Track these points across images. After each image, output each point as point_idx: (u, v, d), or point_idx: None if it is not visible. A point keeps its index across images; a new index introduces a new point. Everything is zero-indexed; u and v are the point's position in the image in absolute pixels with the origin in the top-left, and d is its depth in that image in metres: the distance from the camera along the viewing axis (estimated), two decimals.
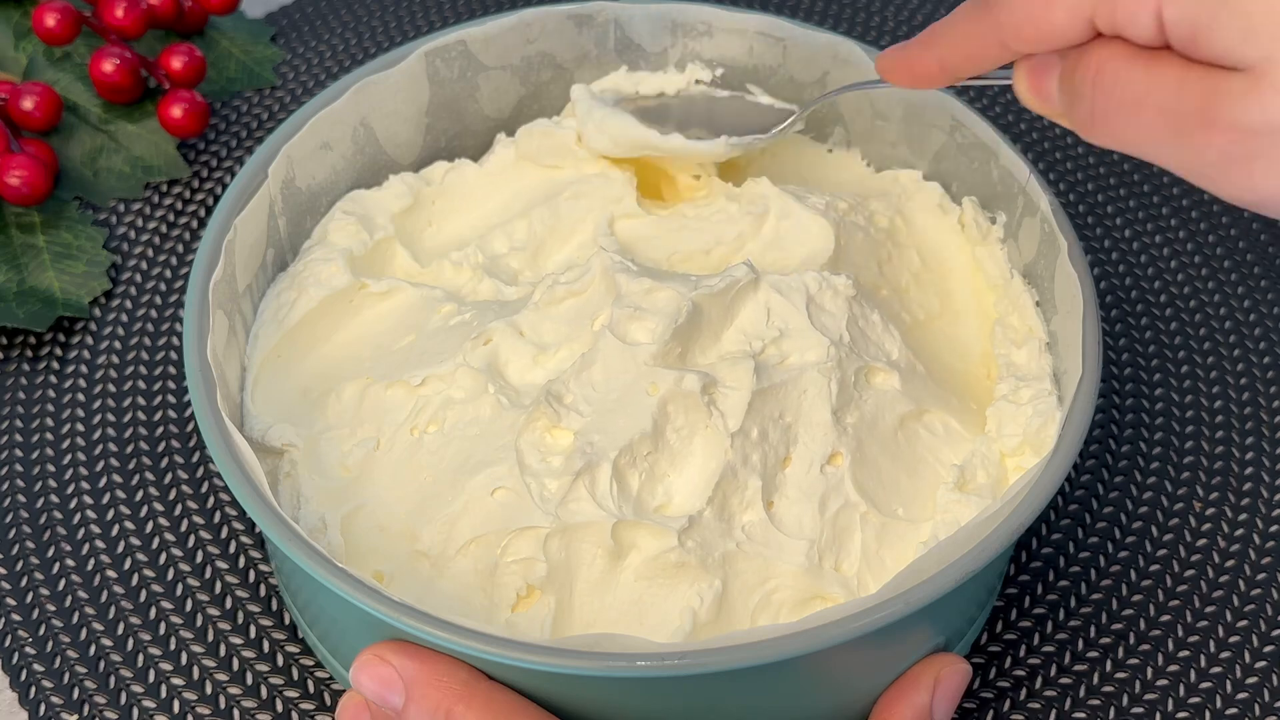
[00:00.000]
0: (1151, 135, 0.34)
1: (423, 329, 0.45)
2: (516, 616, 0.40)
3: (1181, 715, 0.45)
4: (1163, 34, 0.33)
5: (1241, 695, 0.45)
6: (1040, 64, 0.37)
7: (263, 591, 0.47)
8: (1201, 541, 0.49)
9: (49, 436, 0.51)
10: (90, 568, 0.48)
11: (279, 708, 0.45)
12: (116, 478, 0.50)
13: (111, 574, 0.48)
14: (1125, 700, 0.45)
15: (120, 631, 0.46)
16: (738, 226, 0.47)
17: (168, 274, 0.56)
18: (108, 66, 0.58)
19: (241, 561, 0.48)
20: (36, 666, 0.46)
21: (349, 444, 0.43)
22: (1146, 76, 0.34)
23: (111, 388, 0.53)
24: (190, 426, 0.51)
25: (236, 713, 0.45)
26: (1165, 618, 0.47)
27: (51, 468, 0.50)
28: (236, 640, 0.46)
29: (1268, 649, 0.46)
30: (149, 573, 0.48)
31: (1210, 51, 0.32)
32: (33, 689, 0.45)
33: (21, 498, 0.50)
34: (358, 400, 0.44)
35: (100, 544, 0.48)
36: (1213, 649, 0.46)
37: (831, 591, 0.40)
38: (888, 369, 0.43)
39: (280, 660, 0.46)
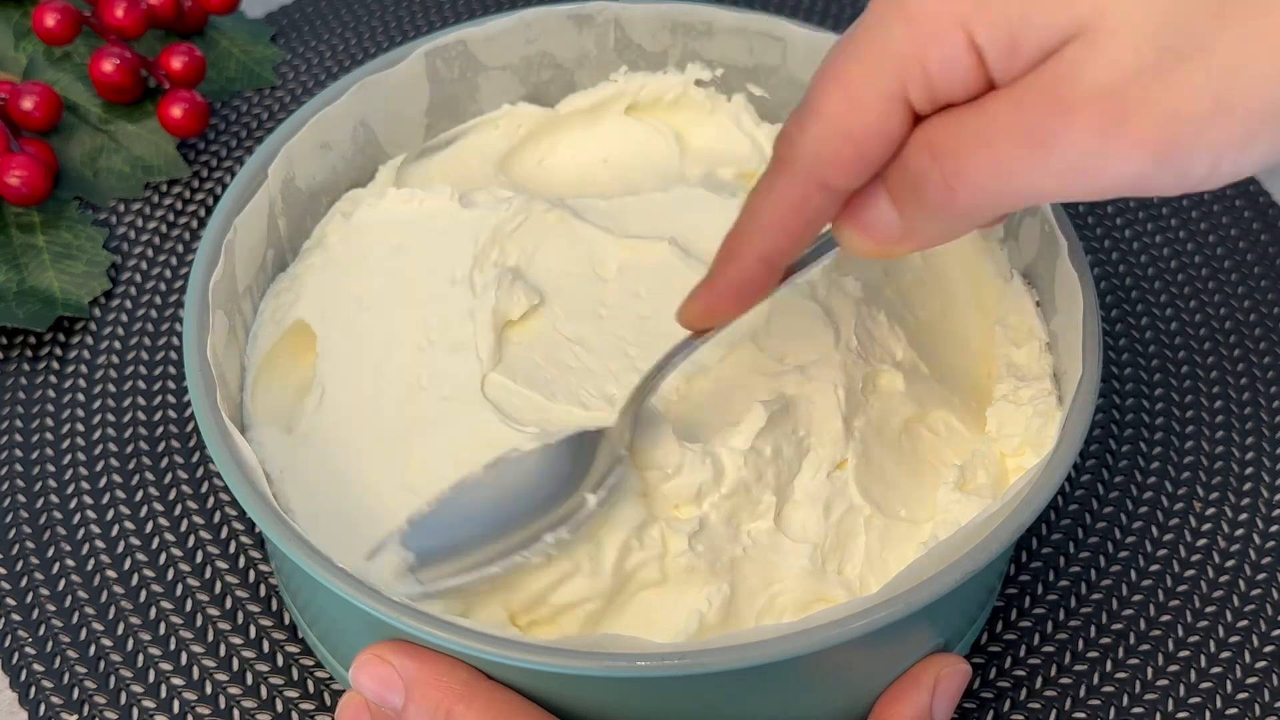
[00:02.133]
0: (1015, 162, 0.30)
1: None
2: None
3: (1181, 715, 0.45)
4: (984, 71, 0.31)
5: (1241, 695, 0.45)
6: (860, 200, 0.34)
7: (263, 591, 0.47)
8: (1201, 541, 0.49)
9: (49, 436, 0.51)
10: (90, 568, 0.48)
11: (279, 708, 0.45)
12: (116, 478, 0.50)
13: (111, 574, 0.48)
14: (1125, 700, 0.45)
15: (120, 631, 0.46)
16: None
17: (168, 274, 0.56)
18: (108, 66, 0.58)
19: (241, 561, 0.48)
20: (36, 666, 0.46)
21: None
22: (981, 114, 0.31)
23: (111, 388, 0.53)
24: (190, 426, 0.51)
25: (236, 713, 0.45)
26: (1165, 618, 0.47)
27: (51, 468, 0.50)
28: (236, 640, 0.46)
29: (1268, 649, 0.46)
30: (149, 573, 0.48)
31: (1035, 42, 0.30)
32: (33, 689, 0.45)
33: (21, 498, 0.50)
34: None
35: (100, 544, 0.48)
36: (1213, 649, 0.46)
37: (834, 594, 0.40)
38: (893, 370, 0.43)
39: (280, 660, 0.46)
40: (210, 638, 0.46)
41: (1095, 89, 0.29)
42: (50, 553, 0.48)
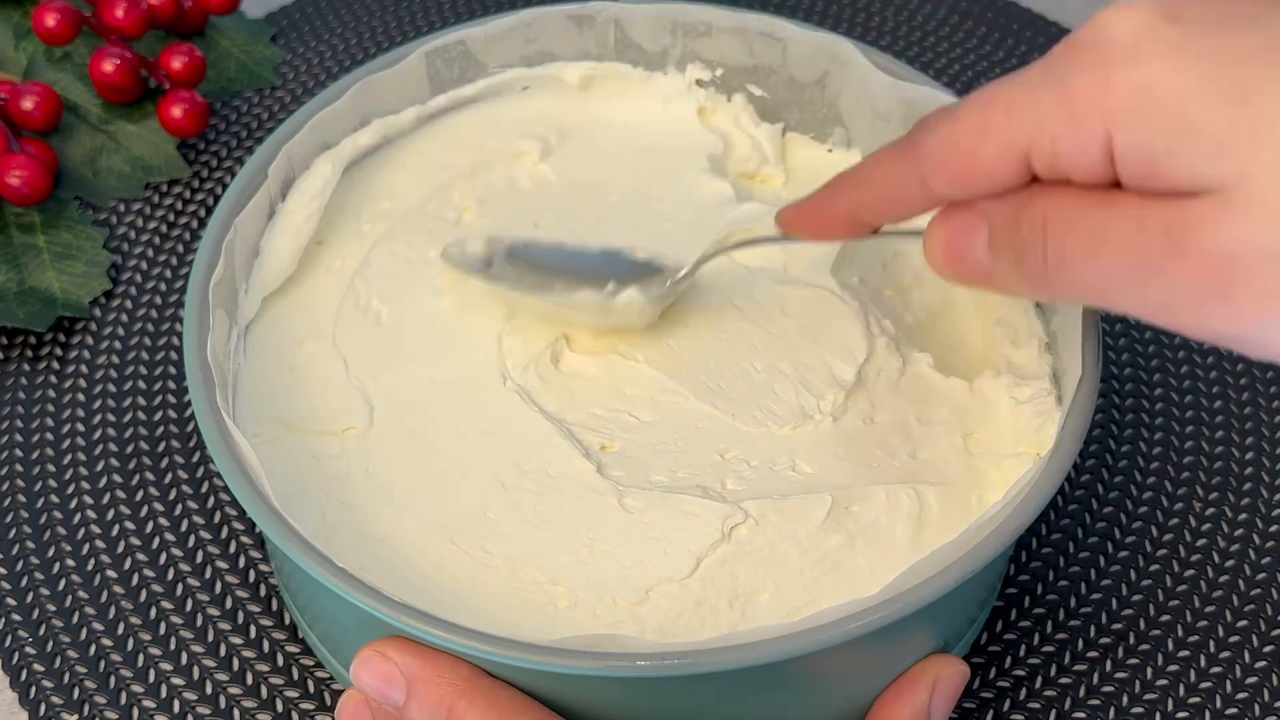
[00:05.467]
0: (1115, 276, 0.31)
1: None
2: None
3: (1181, 715, 0.45)
4: (1111, 168, 0.31)
5: (1241, 695, 0.45)
6: (964, 225, 0.35)
7: (263, 591, 0.47)
8: (1201, 541, 0.49)
9: (49, 436, 0.51)
10: (90, 568, 0.48)
11: (279, 708, 0.45)
12: (116, 478, 0.50)
13: (111, 574, 0.48)
14: (1125, 700, 0.45)
15: (120, 631, 0.46)
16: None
17: (168, 274, 0.56)
18: (108, 66, 0.58)
19: (241, 561, 0.48)
20: (36, 666, 0.46)
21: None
22: (1103, 214, 0.31)
23: (111, 388, 0.53)
24: (190, 426, 0.51)
25: (236, 713, 0.45)
26: (1165, 618, 0.47)
27: (51, 468, 0.50)
28: (236, 640, 0.46)
29: (1268, 649, 0.46)
30: (149, 573, 0.48)
31: (1170, 178, 0.30)
32: (33, 689, 0.45)
33: (21, 498, 0.50)
34: None
35: (100, 544, 0.48)
36: (1213, 649, 0.46)
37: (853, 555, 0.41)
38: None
39: (280, 660, 0.46)
40: (210, 638, 0.46)
41: (1211, 249, 0.29)
42: (50, 553, 0.48)
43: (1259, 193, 0.29)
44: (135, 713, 0.45)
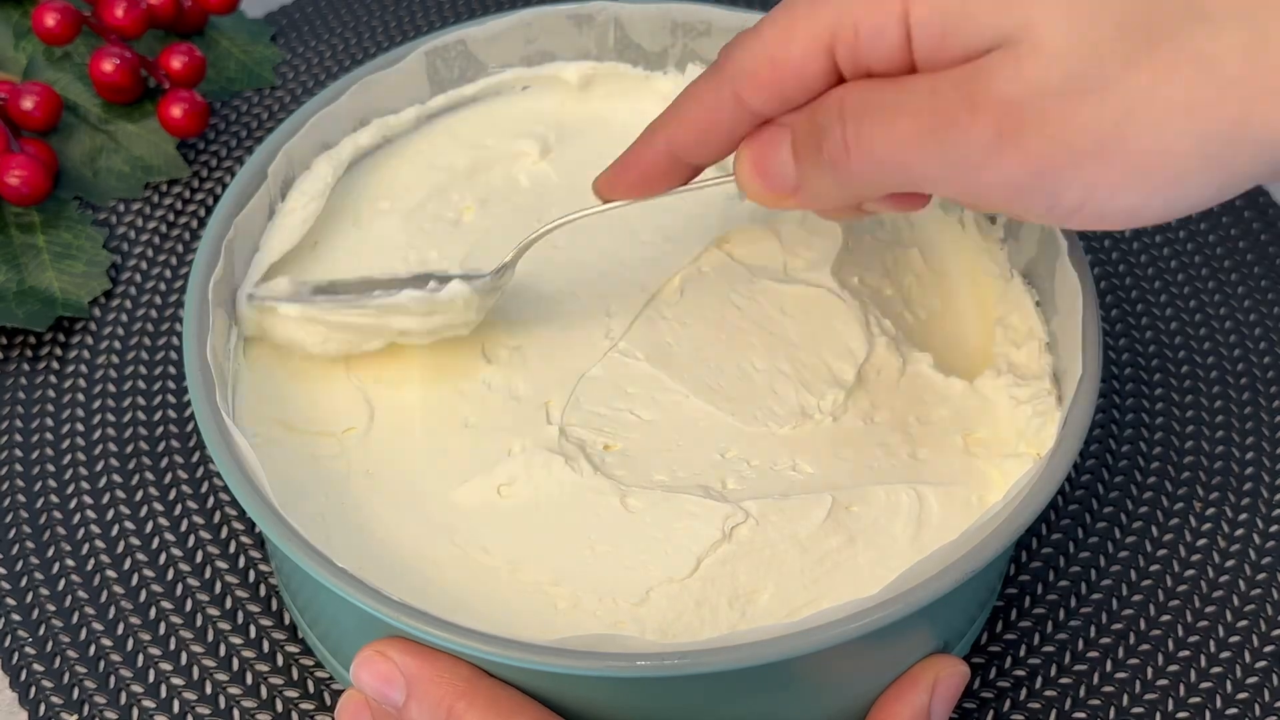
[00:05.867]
0: (912, 141, 0.32)
1: None
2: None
3: (1181, 715, 0.45)
4: (908, 50, 0.32)
5: (1241, 695, 0.45)
6: (769, 139, 0.36)
7: (263, 591, 0.47)
8: (1201, 541, 0.49)
9: (49, 436, 0.51)
10: (90, 568, 0.48)
11: (279, 708, 0.45)
12: (116, 478, 0.50)
13: (111, 574, 0.48)
14: (1125, 700, 0.45)
15: (120, 631, 0.46)
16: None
17: (168, 274, 0.56)
18: (107, 66, 0.58)
19: (241, 561, 0.48)
20: (36, 666, 0.46)
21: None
22: (898, 87, 0.32)
23: (111, 388, 0.53)
24: (190, 426, 0.51)
25: (236, 713, 0.45)
26: (1165, 618, 0.47)
27: (51, 468, 0.50)
28: (236, 640, 0.46)
29: (1268, 649, 0.46)
30: (149, 573, 0.48)
31: (963, 41, 0.31)
32: (33, 689, 0.45)
33: (21, 498, 0.50)
34: None
35: (100, 544, 0.48)
36: (1213, 649, 0.46)
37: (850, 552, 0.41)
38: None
39: (280, 660, 0.46)
40: (210, 638, 0.46)
41: (1002, 97, 0.31)
42: (50, 553, 0.48)
43: (1043, 34, 0.30)
44: (135, 713, 0.45)
